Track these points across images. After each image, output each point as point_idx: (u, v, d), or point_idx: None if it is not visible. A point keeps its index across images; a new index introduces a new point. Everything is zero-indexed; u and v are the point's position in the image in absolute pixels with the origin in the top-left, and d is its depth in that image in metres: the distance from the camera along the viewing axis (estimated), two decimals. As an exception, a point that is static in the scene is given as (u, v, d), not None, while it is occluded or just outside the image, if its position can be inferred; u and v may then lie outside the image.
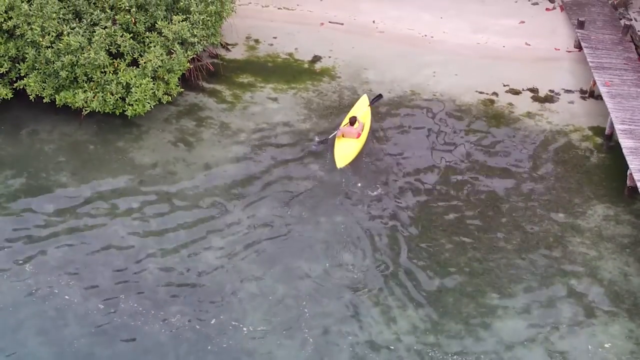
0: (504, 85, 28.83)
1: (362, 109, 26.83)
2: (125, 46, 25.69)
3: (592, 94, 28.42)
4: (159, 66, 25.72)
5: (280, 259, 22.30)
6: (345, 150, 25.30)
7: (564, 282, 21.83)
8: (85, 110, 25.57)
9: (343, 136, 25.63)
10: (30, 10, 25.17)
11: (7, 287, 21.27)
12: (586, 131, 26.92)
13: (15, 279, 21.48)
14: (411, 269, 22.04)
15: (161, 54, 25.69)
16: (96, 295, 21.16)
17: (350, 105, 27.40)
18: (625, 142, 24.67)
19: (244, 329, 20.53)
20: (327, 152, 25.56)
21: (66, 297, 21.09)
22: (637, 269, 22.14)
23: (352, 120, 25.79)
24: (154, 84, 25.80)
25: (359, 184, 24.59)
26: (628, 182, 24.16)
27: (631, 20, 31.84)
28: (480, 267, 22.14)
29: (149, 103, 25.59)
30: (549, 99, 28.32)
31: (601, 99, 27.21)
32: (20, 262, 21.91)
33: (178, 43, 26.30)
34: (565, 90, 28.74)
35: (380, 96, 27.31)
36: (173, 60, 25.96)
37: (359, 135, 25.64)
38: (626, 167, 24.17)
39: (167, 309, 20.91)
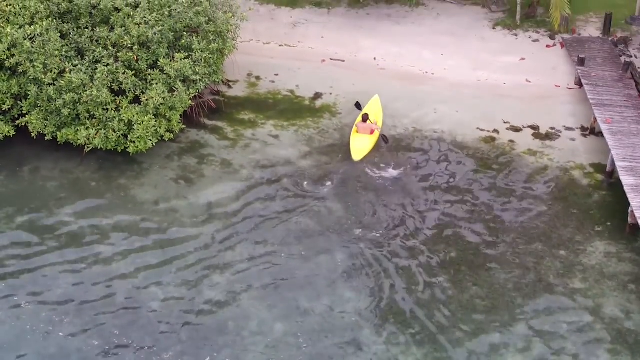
0: (505, 122, 28.89)
1: (374, 108, 28.46)
2: (128, 83, 25.81)
3: (592, 131, 28.46)
4: (161, 103, 25.83)
5: (281, 296, 22.22)
6: (361, 145, 27.19)
7: (566, 319, 21.72)
8: (87, 147, 25.67)
9: (357, 132, 27.20)
10: (32, 47, 25.32)
11: (8, 324, 21.19)
12: (587, 168, 26.93)
13: (16, 316, 21.40)
14: (412, 307, 21.95)
15: (163, 92, 25.81)
16: (96, 333, 21.05)
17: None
18: (626, 180, 24.67)
19: (243, 367, 20.49)
20: (327, 192, 25.67)
21: (65, 334, 20.98)
22: (639, 307, 22.04)
23: (365, 117, 27.36)
24: (156, 121, 25.89)
25: (359, 223, 24.57)
26: (629, 220, 24.11)
27: (631, 57, 31.95)
28: (482, 304, 22.05)
29: (150, 140, 25.66)
30: (550, 136, 28.36)
31: (602, 136, 27.25)
32: (22, 299, 21.83)
33: (180, 80, 26.42)
34: (566, 127, 28.78)
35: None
36: (175, 97, 26.07)
37: (372, 132, 27.20)
38: (627, 204, 24.13)
39: (167, 347, 20.78)
